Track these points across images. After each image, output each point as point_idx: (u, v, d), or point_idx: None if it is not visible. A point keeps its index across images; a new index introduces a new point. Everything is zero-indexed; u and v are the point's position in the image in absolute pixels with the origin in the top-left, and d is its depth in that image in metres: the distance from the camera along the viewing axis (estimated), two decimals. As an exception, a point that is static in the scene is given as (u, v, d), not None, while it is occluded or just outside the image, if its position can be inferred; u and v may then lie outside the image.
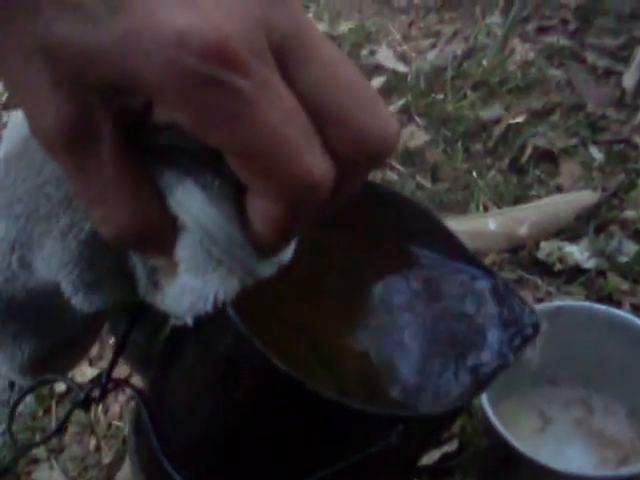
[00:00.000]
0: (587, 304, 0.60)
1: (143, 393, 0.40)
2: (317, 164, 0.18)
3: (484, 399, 0.54)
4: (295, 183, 0.18)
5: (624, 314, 0.59)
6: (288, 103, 0.18)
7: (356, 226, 0.41)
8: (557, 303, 0.60)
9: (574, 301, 0.63)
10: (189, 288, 0.22)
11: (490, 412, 0.54)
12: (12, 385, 0.37)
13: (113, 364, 0.36)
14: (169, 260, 0.22)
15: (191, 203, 0.20)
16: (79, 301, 0.27)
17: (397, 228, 0.43)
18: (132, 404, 0.70)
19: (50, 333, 0.34)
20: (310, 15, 1.17)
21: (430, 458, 0.63)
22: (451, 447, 0.64)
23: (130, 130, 0.19)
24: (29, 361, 0.33)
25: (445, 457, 0.63)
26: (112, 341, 0.70)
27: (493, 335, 0.40)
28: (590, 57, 0.97)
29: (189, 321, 0.23)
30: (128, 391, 0.72)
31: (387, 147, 0.19)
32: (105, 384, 0.37)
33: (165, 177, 0.20)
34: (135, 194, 0.20)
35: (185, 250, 0.21)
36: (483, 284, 0.42)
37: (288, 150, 0.18)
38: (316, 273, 0.40)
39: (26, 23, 0.18)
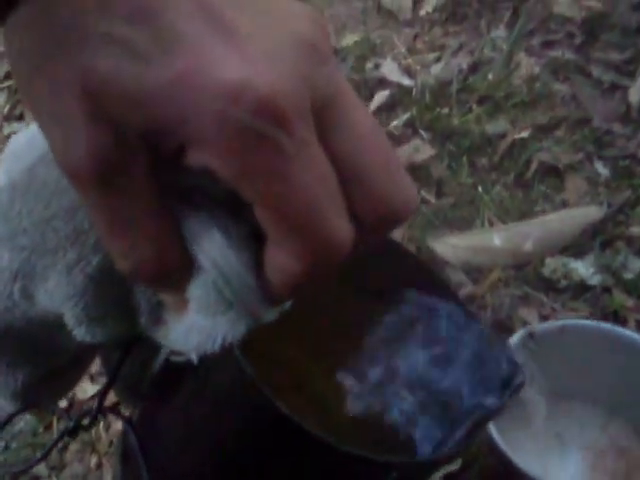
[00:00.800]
0: (591, 322, 0.59)
1: (132, 422, 0.40)
2: (342, 228, 0.19)
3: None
4: (319, 244, 0.19)
5: (629, 332, 0.59)
6: (323, 165, 0.18)
7: (345, 269, 0.42)
8: (561, 322, 0.59)
9: (578, 319, 0.63)
10: (198, 327, 0.22)
11: (493, 430, 0.53)
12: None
13: (104, 395, 0.36)
14: (179, 297, 0.22)
15: (212, 246, 0.20)
16: (81, 333, 0.27)
17: (385, 273, 0.43)
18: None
19: (45, 361, 0.33)
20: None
21: (433, 478, 0.62)
22: (454, 466, 0.63)
23: (158, 167, 0.19)
24: (22, 388, 0.33)
25: (449, 476, 0.63)
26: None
27: (483, 382, 0.40)
28: (596, 71, 0.97)
29: (194, 359, 0.23)
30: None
31: (406, 215, 0.20)
32: (95, 414, 0.36)
33: (188, 217, 0.21)
34: (160, 232, 0.20)
35: (198, 290, 0.21)
36: (471, 331, 0.43)
37: (318, 211, 0.18)
38: (308, 314, 0.40)
39: (70, 52, 0.17)
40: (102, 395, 0.36)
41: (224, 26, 0.17)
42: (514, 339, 0.57)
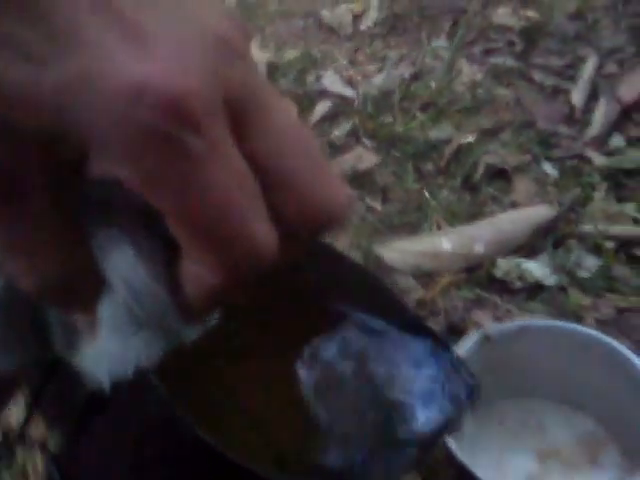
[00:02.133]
0: (550, 322, 0.56)
1: (58, 458, 0.36)
2: (263, 233, 0.17)
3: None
4: (238, 253, 0.17)
5: (590, 330, 0.55)
6: (239, 166, 0.17)
7: (284, 281, 0.37)
8: (518, 322, 0.55)
9: (537, 320, 0.59)
10: (108, 352, 0.20)
11: (450, 441, 0.49)
12: None
13: (26, 423, 0.33)
14: (90, 319, 0.20)
15: (121, 261, 0.19)
16: None
17: (331, 286, 0.40)
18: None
19: None
20: (255, 44, 1.14)
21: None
22: (412, 483, 0.58)
23: (61, 179, 0.18)
24: None
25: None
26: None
27: (435, 399, 0.38)
28: (537, 76, 0.96)
29: (106, 387, 0.21)
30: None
31: (335, 218, 0.18)
32: (13, 446, 0.34)
33: (97, 232, 0.19)
34: (64, 249, 0.18)
35: (108, 310, 0.20)
36: (422, 345, 0.40)
37: (235, 217, 0.17)
38: (238, 330, 0.37)
39: None
40: (23, 424, 0.33)
41: (125, 23, 0.16)
42: (468, 343, 0.53)
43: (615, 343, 0.51)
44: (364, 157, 0.88)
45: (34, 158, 0.17)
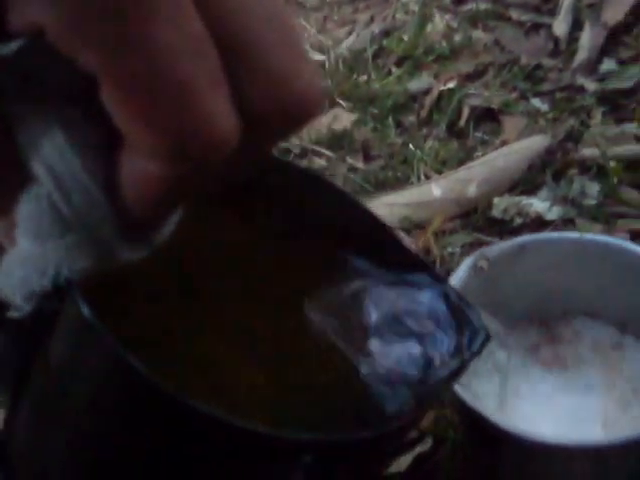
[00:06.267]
0: (555, 235, 0.50)
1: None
2: (222, 114, 0.14)
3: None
4: (189, 136, 0.14)
5: (600, 237, 0.49)
6: (196, 29, 0.14)
7: (262, 213, 0.34)
8: (519, 239, 0.49)
9: (538, 234, 0.53)
10: (24, 257, 0.17)
11: (460, 390, 0.42)
12: None
13: None
14: (6, 222, 0.17)
15: (44, 145, 0.16)
16: None
17: (318, 220, 0.35)
18: None
19: None
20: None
21: (400, 465, 0.50)
22: (425, 446, 0.52)
23: None
24: None
25: (419, 459, 0.51)
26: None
27: (438, 343, 0.33)
28: (515, 14, 0.91)
29: (19, 302, 0.17)
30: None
31: (311, 107, 0.15)
32: None
33: (14, 113, 0.16)
34: None
35: (27, 209, 0.17)
36: (419, 282, 0.35)
37: (188, 90, 0.14)
38: (200, 267, 0.33)
39: None
40: None
41: None
42: (463, 268, 0.47)
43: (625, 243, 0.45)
44: (340, 117, 0.83)
45: None
